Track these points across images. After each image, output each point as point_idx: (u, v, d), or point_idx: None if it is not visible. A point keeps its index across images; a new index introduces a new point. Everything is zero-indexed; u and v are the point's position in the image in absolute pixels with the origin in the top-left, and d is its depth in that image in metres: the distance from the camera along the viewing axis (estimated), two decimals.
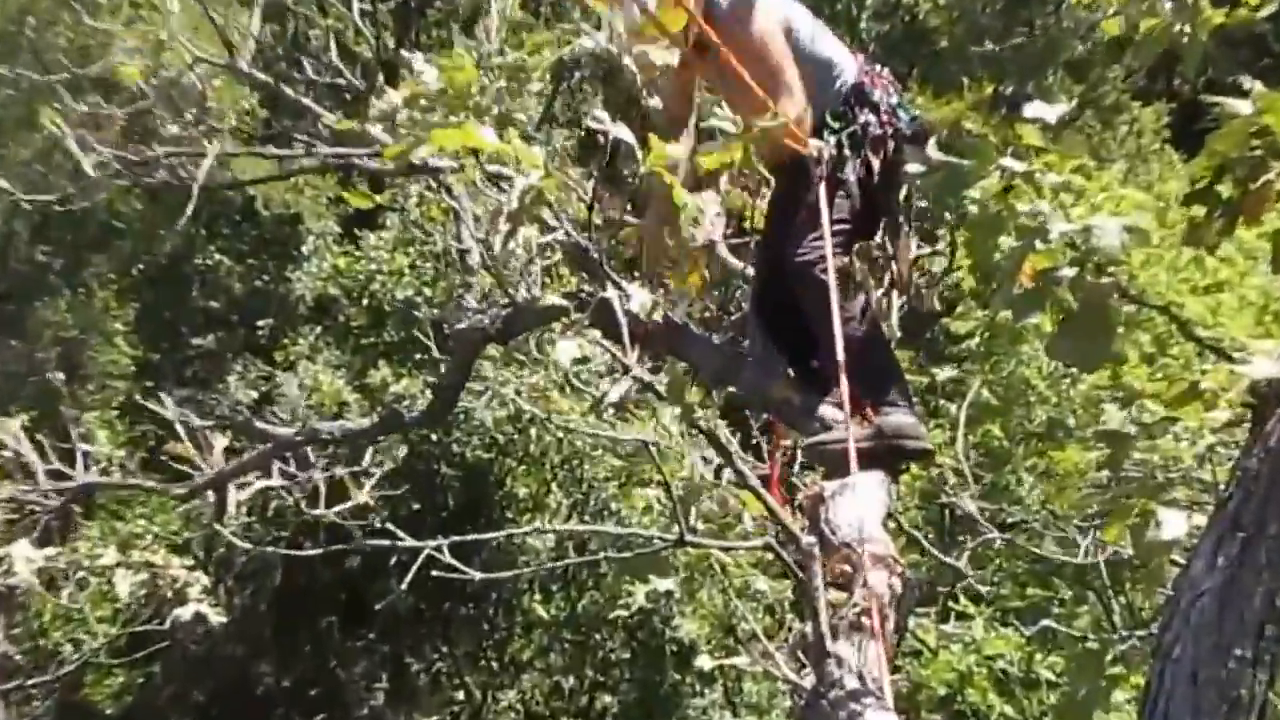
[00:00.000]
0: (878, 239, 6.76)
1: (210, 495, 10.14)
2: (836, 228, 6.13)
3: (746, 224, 7.29)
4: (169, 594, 11.60)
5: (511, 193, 6.00)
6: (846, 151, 6.36)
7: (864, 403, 6.07)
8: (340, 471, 10.62)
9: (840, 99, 6.51)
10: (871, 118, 6.48)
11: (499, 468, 19.40)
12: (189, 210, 10.22)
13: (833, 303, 5.82)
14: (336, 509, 10.45)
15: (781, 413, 6.65)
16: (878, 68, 6.70)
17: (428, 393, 16.71)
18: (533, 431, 18.88)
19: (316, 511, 10.25)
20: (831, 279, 5.90)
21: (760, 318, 6.66)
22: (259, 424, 9.72)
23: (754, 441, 10.06)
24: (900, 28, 28.30)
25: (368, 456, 11.57)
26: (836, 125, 6.44)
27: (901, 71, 21.27)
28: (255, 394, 20.65)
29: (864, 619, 4.87)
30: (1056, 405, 15.95)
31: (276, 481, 10.09)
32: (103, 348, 23.42)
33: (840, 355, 5.68)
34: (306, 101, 10.48)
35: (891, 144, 6.46)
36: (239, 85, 14.11)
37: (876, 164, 6.39)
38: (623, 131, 6.16)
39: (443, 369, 9.79)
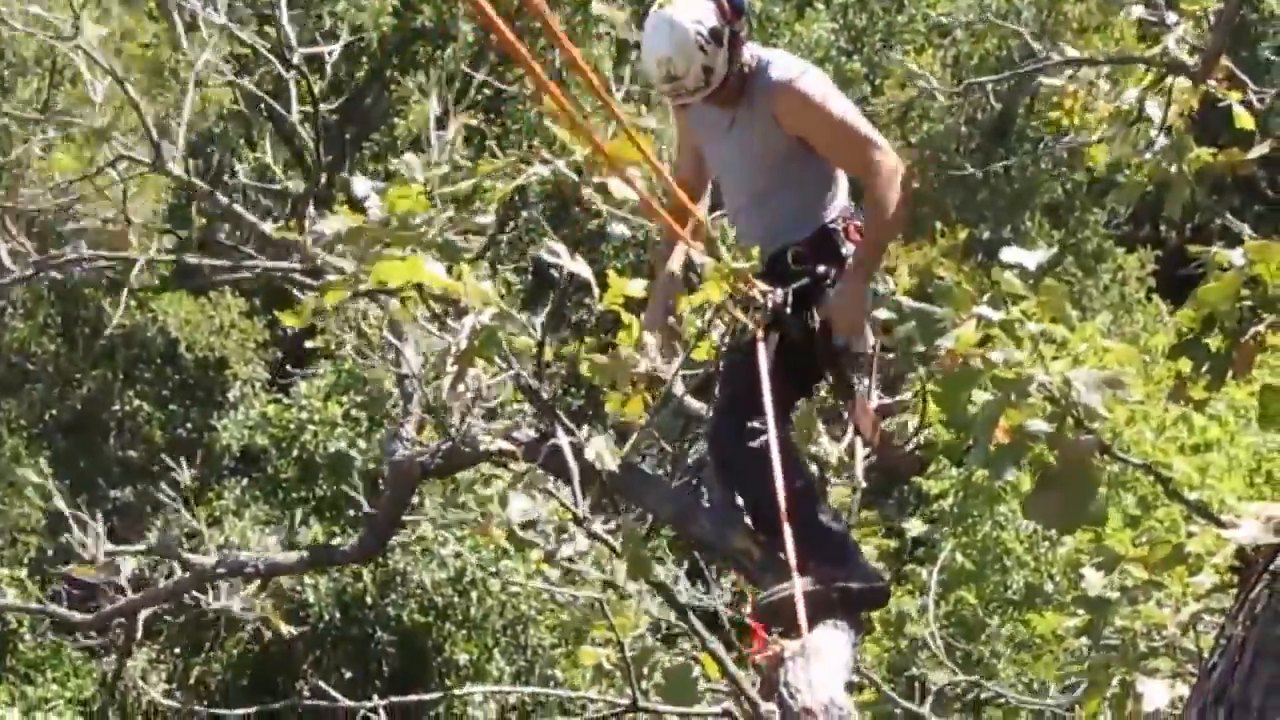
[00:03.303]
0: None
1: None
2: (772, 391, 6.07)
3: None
4: None
5: (460, 332, 5.97)
6: (787, 309, 6.29)
7: (813, 559, 6.02)
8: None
9: (812, 231, 6.48)
10: (833, 271, 6.41)
11: (438, 632, 19.26)
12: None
13: (776, 473, 5.81)
14: None
15: (740, 564, 6.59)
16: (857, 212, 6.56)
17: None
18: (474, 594, 18.79)
19: None
20: (774, 440, 5.90)
21: (719, 464, 6.60)
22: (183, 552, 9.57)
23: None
24: None
25: None
26: (795, 268, 6.41)
27: None
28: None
29: None
30: (1035, 570, 15.94)
31: None
32: (12, 499, 23.20)
33: (783, 509, 5.72)
34: (238, 209, 10.25)
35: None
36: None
37: (817, 324, 6.34)
38: (579, 266, 6.17)
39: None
